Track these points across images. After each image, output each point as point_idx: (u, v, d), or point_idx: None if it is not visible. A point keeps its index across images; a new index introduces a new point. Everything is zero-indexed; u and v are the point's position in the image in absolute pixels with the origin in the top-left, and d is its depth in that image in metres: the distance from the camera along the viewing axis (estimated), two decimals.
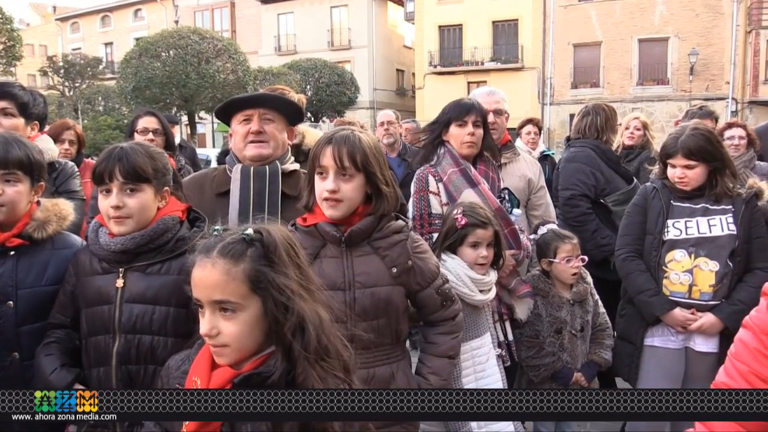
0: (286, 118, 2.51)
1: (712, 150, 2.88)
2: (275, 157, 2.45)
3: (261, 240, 1.32)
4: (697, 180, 2.89)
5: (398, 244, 2.06)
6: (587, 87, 29.44)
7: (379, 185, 2.01)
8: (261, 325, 1.30)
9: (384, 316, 2.03)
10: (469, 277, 2.51)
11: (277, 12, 37.17)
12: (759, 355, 1.31)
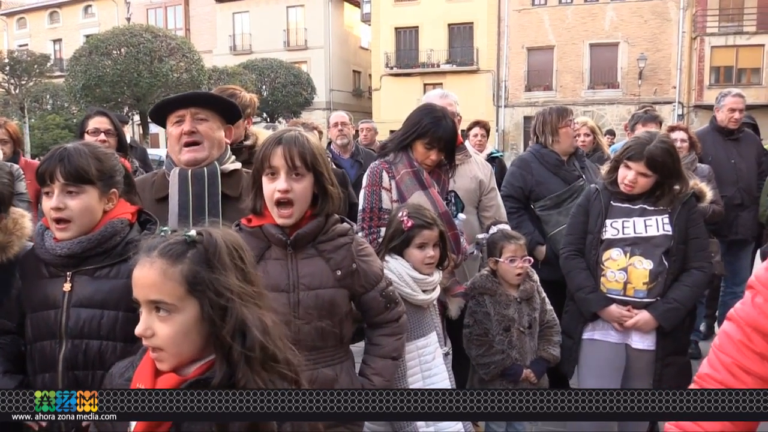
0: (221, 117, 2.46)
1: (672, 166, 2.94)
2: (212, 159, 2.40)
3: (202, 242, 1.31)
4: (643, 189, 2.97)
5: (343, 247, 2.09)
6: (541, 90, 30.00)
7: (326, 185, 2.04)
8: (199, 328, 1.28)
9: (328, 318, 2.05)
10: (411, 277, 2.55)
11: (232, 11, 36.74)
12: (743, 347, 1.33)
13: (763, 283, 1.32)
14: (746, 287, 1.38)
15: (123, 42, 22.88)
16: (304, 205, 2.03)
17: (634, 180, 2.95)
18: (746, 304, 1.36)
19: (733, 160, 5.01)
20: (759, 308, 1.31)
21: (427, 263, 2.59)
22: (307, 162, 1.98)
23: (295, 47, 35.22)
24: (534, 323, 3.15)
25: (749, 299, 1.35)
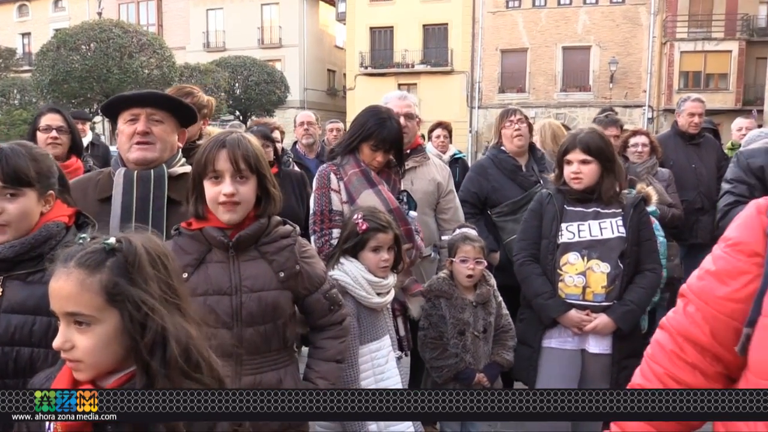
0: (177, 120, 2.41)
1: (605, 149, 3.01)
2: (161, 161, 2.34)
3: (122, 250, 1.26)
4: (590, 177, 2.97)
5: (286, 248, 2.06)
6: (514, 92, 30.24)
7: (268, 187, 2.03)
8: (120, 339, 1.24)
9: (271, 321, 2.03)
10: (366, 279, 2.53)
11: (206, 7, 36.39)
12: (675, 357, 1.32)
13: (695, 292, 1.31)
14: (678, 296, 1.37)
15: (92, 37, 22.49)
16: (248, 206, 2.00)
17: (577, 170, 2.97)
18: (678, 313, 1.35)
19: (694, 165, 5.07)
20: (691, 318, 1.30)
21: (381, 266, 2.57)
22: (251, 164, 1.96)
23: (270, 45, 35.01)
24: (489, 327, 3.14)
25: (681, 308, 1.34)
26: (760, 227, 1.24)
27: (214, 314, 1.96)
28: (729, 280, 1.25)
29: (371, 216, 2.62)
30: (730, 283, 1.25)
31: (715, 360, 1.28)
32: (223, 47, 34.83)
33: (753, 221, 1.26)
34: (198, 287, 1.97)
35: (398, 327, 2.99)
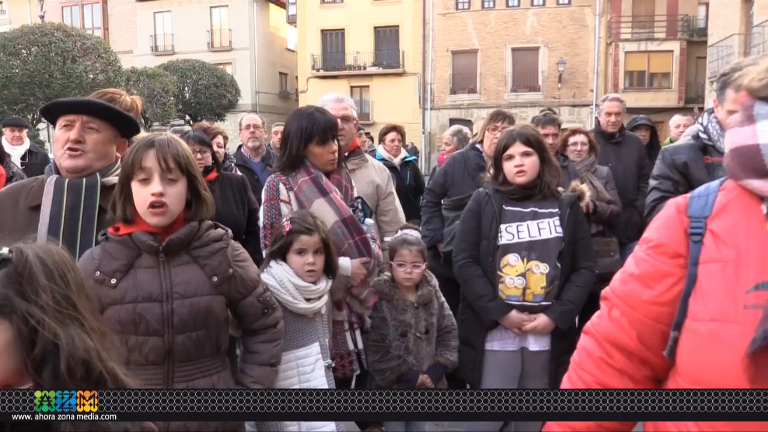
0: (116, 129, 2.33)
1: (542, 141, 3.11)
2: (94, 170, 2.26)
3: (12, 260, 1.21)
4: (533, 169, 3.00)
5: (218, 252, 2.03)
6: (465, 93, 30.54)
7: (200, 189, 2.00)
8: (13, 352, 1.19)
9: (204, 327, 1.99)
10: (293, 284, 2.49)
11: (153, 10, 35.70)
12: (603, 363, 1.30)
13: (619, 295, 1.29)
14: (601, 299, 1.35)
15: (33, 41, 21.74)
16: (178, 208, 1.96)
17: (520, 163, 3.00)
18: (603, 318, 1.32)
19: (611, 163, 5.15)
20: (617, 322, 1.28)
21: (307, 270, 2.53)
22: (181, 165, 1.93)
23: (220, 48, 34.56)
24: (431, 328, 3.13)
25: (606, 313, 1.32)
26: (681, 227, 1.22)
27: (144, 322, 1.92)
28: (653, 284, 1.23)
29: (298, 218, 2.60)
30: (655, 286, 1.23)
31: (642, 364, 1.27)
32: (172, 51, 34.21)
33: (673, 221, 1.24)
34: (127, 294, 1.93)
35: (356, 340, 2.98)
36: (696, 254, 1.17)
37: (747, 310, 1.05)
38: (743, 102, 1.18)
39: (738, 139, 1.16)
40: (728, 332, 1.06)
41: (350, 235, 2.85)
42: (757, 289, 1.06)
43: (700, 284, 1.15)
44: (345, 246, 2.84)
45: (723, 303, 1.09)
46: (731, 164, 1.18)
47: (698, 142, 2.93)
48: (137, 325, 1.92)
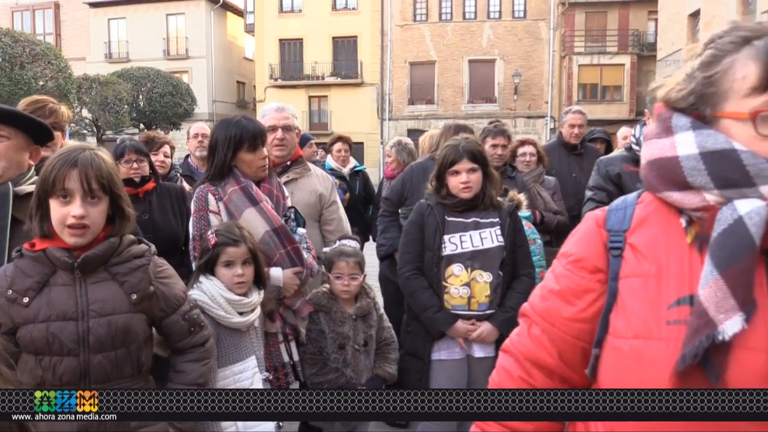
0: (28, 136, 2.24)
1: (485, 155, 3.15)
2: (6, 179, 2.18)
3: None
4: (478, 185, 3.04)
5: (139, 269, 1.96)
6: (423, 103, 30.77)
7: (123, 206, 1.93)
8: None
9: (123, 347, 1.91)
10: (225, 298, 2.44)
11: (108, 17, 35.06)
12: (522, 383, 1.24)
13: (539, 312, 1.24)
14: (519, 316, 1.30)
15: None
16: (98, 228, 1.89)
17: (467, 180, 3.02)
18: (523, 335, 1.27)
19: (575, 174, 5.25)
20: (537, 340, 1.23)
21: (236, 282, 2.48)
22: (104, 185, 1.86)
23: (176, 56, 34.11)
24: (370, 341, 3.10)
25: (525, 330, 1.27)
26: (600, 241, 1.18)
27: (58, 341, 1.84)
28: (574, 300, 1.19)
29: (224, 230, 2.54)
30: (576, 302, 1.19)
31: (563, 382, 1.23)
32: (127, 58, 33.63)
33: (592, 235, 1.20)
34: (40, 313, 1.84)
35: (291, 352, 2.93)
36: (616, 269, 1.14)
37: (670, 326, 1.03)
38: (660, 113, 1.16)
39: (656, 151, 1.14)
40: (652, 349, 1.04)
41: (281, 245, 2.80)
42: (679, 304, 1.04)
43: (622, 300, 1.12)
44: (276, 256, 2.79)
45: (646, 319, 1.06)
46: (649, 176, 1.16)
47: (631, 154, 2.99)
48: (50, 344, 1.84)
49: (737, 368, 0.97)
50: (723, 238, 1.01)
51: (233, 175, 2.83)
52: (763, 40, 1.04)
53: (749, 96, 1.03)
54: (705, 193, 1.05)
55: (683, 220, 1.10)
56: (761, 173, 1.01)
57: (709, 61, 1.09)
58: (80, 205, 1.82)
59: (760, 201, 1.01)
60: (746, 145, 1.03)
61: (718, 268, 0.99)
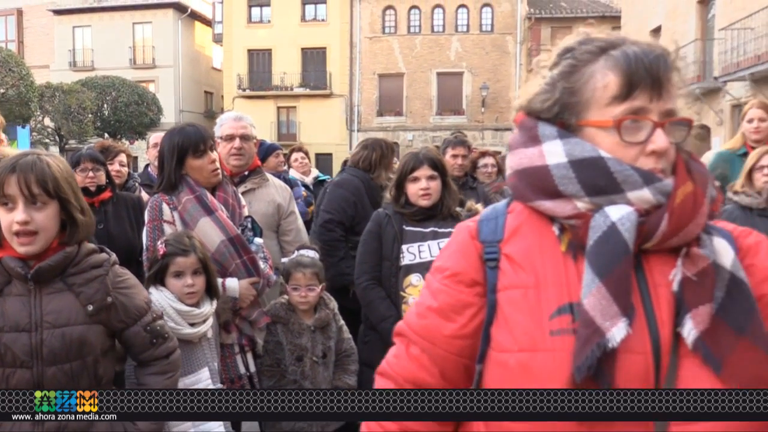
0: None
1: (444, 165, 3.16)
2: None
3: None
4: (437, 192, 3.05)
5: (96, 279, 1.93)
6: (392, 115, 30.89)
7: (73, 213, 1.88)
8: None
9: (78, 359, 1.88)
10: (174, 309, 2.40)
11: (72, 24, 34.49)
12: None
13: (418, 331, 1.18)
14: (394, 335, 1.25)
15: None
16: (49, 234, 1.85)
17: (426, 186, 3.03)
18: (400, 356, 1.21)
19: None
20: (416, 360, 1.18)
21: (186, 292, 2.44)
22: (48, 189, 1.81)
23: (142, 65, 33.69)
24: (329, 352, 3.07)
25: (403, 351, 1.20)
26: (475, 253, 1.16)
27: (10, 353, 1.80)
28: (454, 316, 1.15)
29: (173, 240, 2.51)
30: (456, 318, 1.14)
31: None
32: (92, 66, 33.11)
33: (467, 248, 1.17)
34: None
35: (248, 363, 2.89)
36: (494, 281, 1.12)
37: (554, 337, 1.02)
38: (523, 123, 1.16)
39: (524, 160, 1.13)
40: (538, 362, 1.02)
41: (237, 255, 2.76)
42: (560, 313, 1.03)
43: (503, 313, 1.09)
44: (232, 266, 2.76)
45: (530, 332, 1.04)
46: (519, 186, 1.15)
47: None
48: (2, 356, 1.81)
49: (622, 372, 0.98)
50: (599, 246, 1.02)
51: (187, 184, 2.79)
52: (619, 50, 1.07)
53: (611, 104, 1.06)
54: (576, 201, 1.06)
55: (556, 229, 1.11)
56: (627, 179, 1.03)
57: (569, 71, 1.10)
58: (23, 211, 1.79)
59: (628, 207, 1.03)
60: (610, 152, 1.05)
61: (599, 276, 1.00)
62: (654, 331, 1.01)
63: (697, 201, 1.05)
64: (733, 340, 0.99)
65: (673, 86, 1.07)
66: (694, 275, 1.02)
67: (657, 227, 1.03)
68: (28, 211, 1.79)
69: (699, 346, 0.99)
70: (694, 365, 1.00)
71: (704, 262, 1.03)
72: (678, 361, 1.00)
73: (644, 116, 1.05)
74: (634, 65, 1.04)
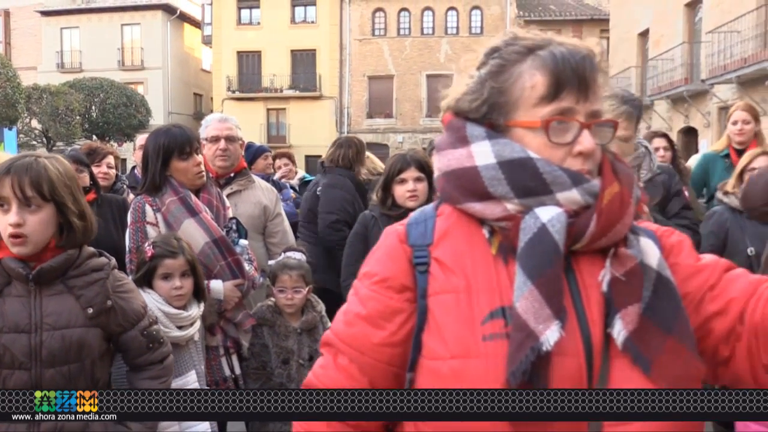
0: None
1: (431, 167, 3.12)
2: None
3: None
4: (424, 194, 3.06)
5: (96, 282, 1.93)
6: (382, 117, 30.94)
7: (69, 217, 1.87)
8: None
9: (77, 361, 1.89)
10: (163, 312, 2.39)
11: (60, 26, 34.36)
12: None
13: (346, 340, 1.14)
14: (321, 345, 1.20)
15: None
16: (40, 238, 1.84)
17: (413, 188, 3.04)
18: (328, 367, 1.16)
19: None
20: (345, 371, 1.13)
21: (174, 295, 2.43)
22: (43, 192, 1.80)
23: (131, 67, 33.59)
24: (316, 355, 3.05)
25: (330, 361, 1.15)
26: (405, 257, 1.12)
27: (9, 354, 1.80)
28: (384, 323, 1.10)
29: (160, 242, 2.50)
30: (386, 326, 1.10)
31: None
32: (80, 68, 32.97)
33: (396, 252, 1.13)
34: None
35: (233, 366, 2.88)
36: (424, 286, 1.08)
37: (486, 342, 1.00)
38: (451, 123, 1.13)
39: (453, 161, 1.10)
40: (472, 368, 1.00)
41: (222, 257, 2.75)
42: (492, 317, 1.01)
43: (434, 319, 1.06)
44: (217, 268, 2.75)
45: (462, 338, 1.02)
46: (447, 188, 1.12)
47: None
48: (1, 357, 1.81)
49: (556, 374, 0.98)
50: (531, 248, 1.01)
51: (171, 186, 2.77)
52: (546, 51, 1.06)
53: (539, 105, 1.05)
54: (506, 202, 1.05)
55: (485, 231, 1.09)
56: (556, 180, 1.03)
57: (497, 71, 1.09)
58: (15, 213, 1.79)
59: (557, 208, 1.03)
60: (538, 153, 1.05)
61: (531, 279, 0.99)
62: (586, 332, 1.01)
63: (624, 201, 1.06)
64: (661, 340, 1.00)
65: (599, 88, 1.07)
66: (622, 275, 1.03)
67: (586, 228, 1.02)
68: (21, 213, 1.79)
69: (629, 346, 1.00)
70: (624, 366, 1.00)
71: (632, 262, 1.03)
72: (609, 362, 1.00)
73: (571, 117, 1.05)
74: (561, 65, 1.04)
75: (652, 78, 20.76)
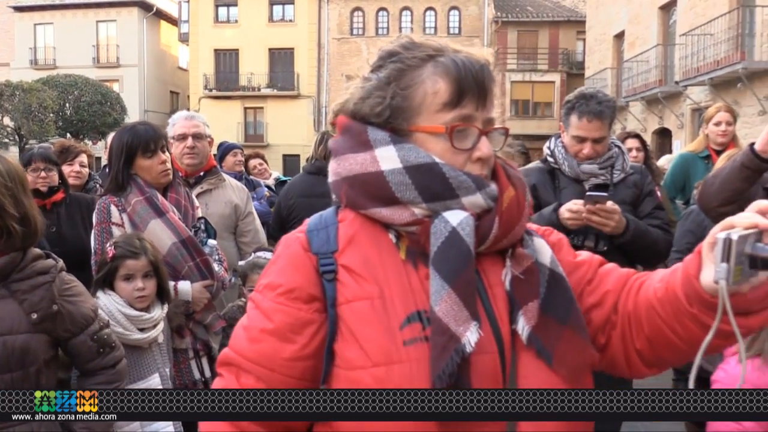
0: None
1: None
2: None
3: None
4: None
5: (41, 286, 1.86)
6: None
7: (6, 221, 1.80)
8: None
9: (20, 369, 1.82)
10: (123, 314, 2.34)
11: (34, 21, 33.80)
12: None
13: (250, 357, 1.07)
14: (219, 366, 1.13)
15: None
16: None
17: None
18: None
19: None
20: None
21: (137, 296, 2.38)
22: None
23: (106, 64, 33.16)
24: None
25: (233, 382, 1.08)
26: (310, 266, 1.08)
27: None
28: (293, 336, 1.05)
29: (122, 242, 2.45)
30: (296, 339, 1.05)
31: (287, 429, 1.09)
32: (54, 65, 32.47)
33: (300, 260, 1.09)
34: None
35: (202, 368, 2.83)
36: (333, 294, 1.05)
37: (407, 347, 0.99)
38: (350, 127, 1.12)
39: (356, 166, 1.09)
40: (396, 374, 0.99)
41: (190, 257, 2.70)
42: (410, 322, 1.01)
43: (347, 327, 1.03)
44: (185, 269, 2.70)
45: (383, 345, 1.00)
46: (351, 194, 1.10)
47: (546, 166, 3.04)
48: None
49: (477, 373, 1.00)
50: (444, 251, 1.03)
51: (136, 185, 2.72)
52: (446, 58, 1.09)
53: (441, 111, 1.07)
54: (413, 207, 1.06)
55: (392, 236, 1.09)
56: (462, 185, 1.06)
57: (398, 75, 1.10)
58: None
59: (464, 212, 1.05)
60: (441, 158, 1.07)
61: (448, 282, 1.01)
62: (496, 330, 1.05)
63: (520, 204, 1.10)
64: (559, 331, 1.05)
65: (494, 96, 1.11)
66: (521, 273, 1.08)
67: (490, 230, 1.06)
68: None
69: (532, 340, 1.04)
70: (530, 359, 1.04)
71: (528, 261, 1.09)
72: (517, 357, 1.04)
73: (471, 124, 1.08)
74: (463, 73, 1.06)
75: (627, 79, 21.00)
